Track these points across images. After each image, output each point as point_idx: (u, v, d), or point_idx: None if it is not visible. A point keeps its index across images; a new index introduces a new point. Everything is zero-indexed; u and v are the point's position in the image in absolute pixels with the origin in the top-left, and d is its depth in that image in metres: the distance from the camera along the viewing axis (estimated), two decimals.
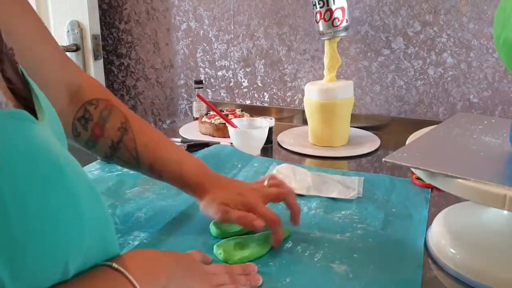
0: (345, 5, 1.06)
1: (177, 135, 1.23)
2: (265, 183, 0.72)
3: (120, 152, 0.67)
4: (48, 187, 0.31)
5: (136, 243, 0.65)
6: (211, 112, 1.26)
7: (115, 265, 0.40)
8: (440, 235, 0.64)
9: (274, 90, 1.44)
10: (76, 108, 0.65)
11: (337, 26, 1.06)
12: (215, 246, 0.64)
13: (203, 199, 0.67)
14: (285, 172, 0.88)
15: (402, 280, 0.57)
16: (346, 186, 0.85)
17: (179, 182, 0.69)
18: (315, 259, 0.62)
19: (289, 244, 0.66)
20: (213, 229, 0.69)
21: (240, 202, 0.65)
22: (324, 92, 1.08)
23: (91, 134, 0.66)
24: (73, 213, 0.33)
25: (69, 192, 0.33)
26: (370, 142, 1.14)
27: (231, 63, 1.48)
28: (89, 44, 1.45)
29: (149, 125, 0.70)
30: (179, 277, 0.47)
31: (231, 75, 1.49)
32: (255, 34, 1.41)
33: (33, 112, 0.37)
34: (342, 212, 0.76)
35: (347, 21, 1.07)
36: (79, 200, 0.34)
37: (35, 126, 0.33)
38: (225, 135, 1.14)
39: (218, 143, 1.09)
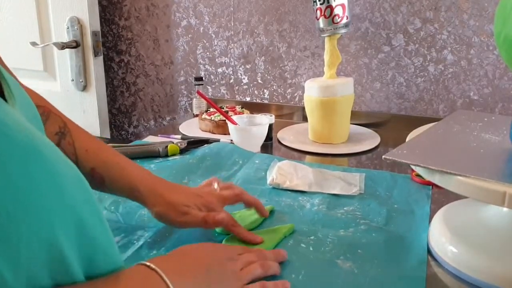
0: (345, 1, 1.06)
1: (177, 132, 1.23)
2: (215, 186, 0.70)
3: None
4: (28, 166, 0.31)
5: (140, 243, 0.65)
6: (211, 109, 1.26)
7: (151, 265, 0.43)
8: (439, 232, 0.64)
9: (274, 87, 1.44)
10: None
11: (337, 23, 1.06)
12: (224, 242, 0.64)
13: (158, 205, 0.62)
14: (286, 169, 0.88)
15: (407, 276, 0.58)
16: (347, 182, 0.85)
17: (124, 189, 0.63)
18: (320, 255, 0.62)
19: (293, 240, 0.66)
20: None
21: (200, 203, 0.64)
22: (324, 89, 1.08)
23: None
24: (55, 191, 0.33)
25: (49, 171, 0.33)
26: (370, 139, 1.14)
27: (231, 60, 1.48)
28: (89, 41, 1.45)
29: (89, 134, 0.65)
30: (209, 282, 0.49)
31: (231, 72, 1.49)
32: (255, 31, 1.41)
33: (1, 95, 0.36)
34: (345, 208, 0.76)
35: (347, 18, 1.07)
36: (60, 178, 0.34)
37: (4, 107, 0.32)
38: (225, 132, 1.14)
39: (218, 140, 1.09)
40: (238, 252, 0.57)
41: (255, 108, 1.41)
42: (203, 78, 1.49)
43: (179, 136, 1.16)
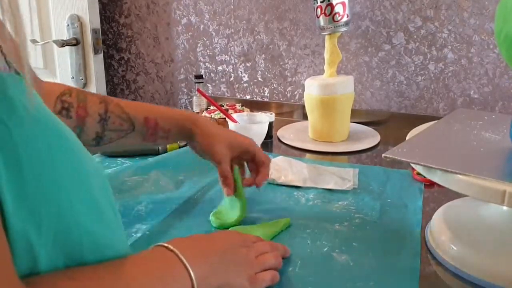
0: (345, 0, 1.06)
1: None
2: None
3: (110, 121, 0.67)
4: (54, 149, 0.34)
5: (138, 235, 0.66)
6: (211, 107, 1.26)
7: (169, 246, 0.45)
8: (439, 230, 0.64)
9: (274, 85, 1.44)
10: (52, 104, 0.64)
11: (337, 21, 1.06)
12: None
13: (206, 140, 0.70)
14: (281, 165, 0.89)
15: (402, 268, 0.59)
16: (341, 177, 0.86)
17: (178, 124, 0.71)
18: (316, 248, 0.63)
19: (290, 234, 0.67)
20: (213, 220, 0.70)
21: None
22: (324, 87, 1.08)
23: (77, 118, 0.65)
24: (77, 175, 0.36)
25: (73, 159, 0.36)
26: (370, 138, 1.14)
27: (232, 57, 1.47)
28: (89, 38, 1.45)
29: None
30: (222, 268, 0.49)
31: (231, 70, 1.49)
32: (256, 28, 1.41)
33: None
34: (339, 203, 0.77)
35: (347, 16, 1.07)
36: (82, 164, 0.37)
37: (38, 99, 0.35)
38: None
39: None
40: (252, 241, 0.58)
41: (255, 106, 1.41)
42: (203, 76, 1.49)
43: None
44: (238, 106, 1.28)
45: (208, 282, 0.45)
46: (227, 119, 1.07)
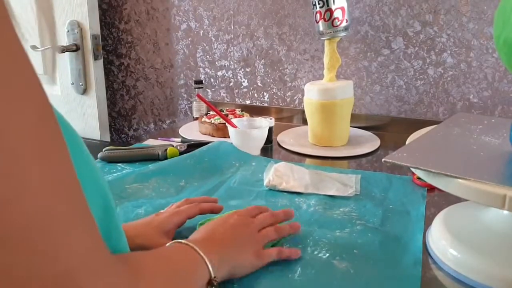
0: (345, 5, 1.06)
1: (177, 135, 1.23)
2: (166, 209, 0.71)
3: None
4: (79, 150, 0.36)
5: None
6: (211, 112, 1.26)
7: (183, 241, 0.50)
8: (440, 235, 0.64)
9: (274, 90, 1.44)
10: None
11: (337, 26, 1.06)
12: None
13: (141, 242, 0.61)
14: (283, 171, 0.89)
15: (403, 276, 0.58)
16: (343, 183, 0.86)
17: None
18: (317, 255, 0.62)
19: (290, 241, 0.66)
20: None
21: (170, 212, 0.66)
22: (324, 92, 1.08)
23: None
24: (94, 178, 0.37)
25: (90, 164, 0.38)
26: (370, 142, 1.14)
27: (231, 63, 1.48)
28: (89, 44, 1.45)
29: None
30: (229, 252, 0.54)
31: (231, 75, 1.49)
32: (255, 34, 1.41)
33: None
34: (341, 209, 0.77)
35: (347, 21, 1.07)
36: (92, 160, 0.39)
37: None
38: (225, 135, 1.14)
39: None
40: (251, 215, 0.62)
41: (255, 111, 1.41)
42: (203, 81, 1.49)
43: (179, 139, 1.16)
44: (237, 111, 1.28)
45: (221, 267, 0.50)
46: (227, 124, 1.07)
